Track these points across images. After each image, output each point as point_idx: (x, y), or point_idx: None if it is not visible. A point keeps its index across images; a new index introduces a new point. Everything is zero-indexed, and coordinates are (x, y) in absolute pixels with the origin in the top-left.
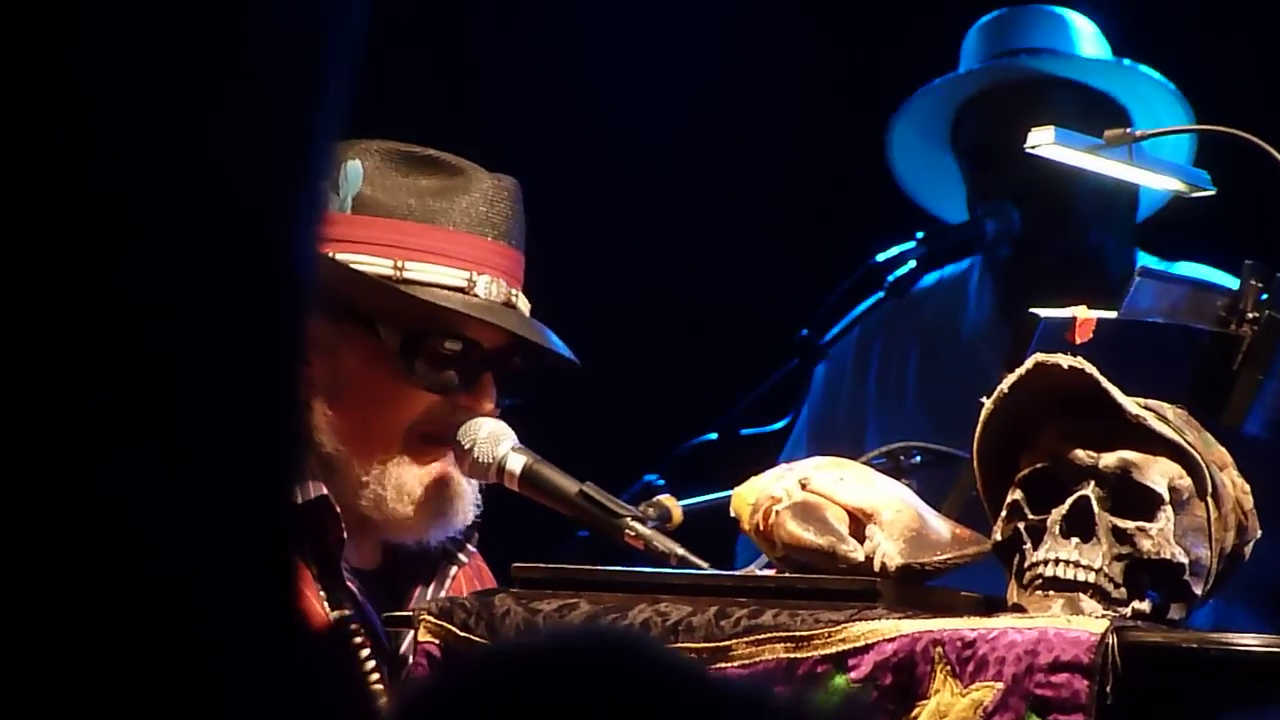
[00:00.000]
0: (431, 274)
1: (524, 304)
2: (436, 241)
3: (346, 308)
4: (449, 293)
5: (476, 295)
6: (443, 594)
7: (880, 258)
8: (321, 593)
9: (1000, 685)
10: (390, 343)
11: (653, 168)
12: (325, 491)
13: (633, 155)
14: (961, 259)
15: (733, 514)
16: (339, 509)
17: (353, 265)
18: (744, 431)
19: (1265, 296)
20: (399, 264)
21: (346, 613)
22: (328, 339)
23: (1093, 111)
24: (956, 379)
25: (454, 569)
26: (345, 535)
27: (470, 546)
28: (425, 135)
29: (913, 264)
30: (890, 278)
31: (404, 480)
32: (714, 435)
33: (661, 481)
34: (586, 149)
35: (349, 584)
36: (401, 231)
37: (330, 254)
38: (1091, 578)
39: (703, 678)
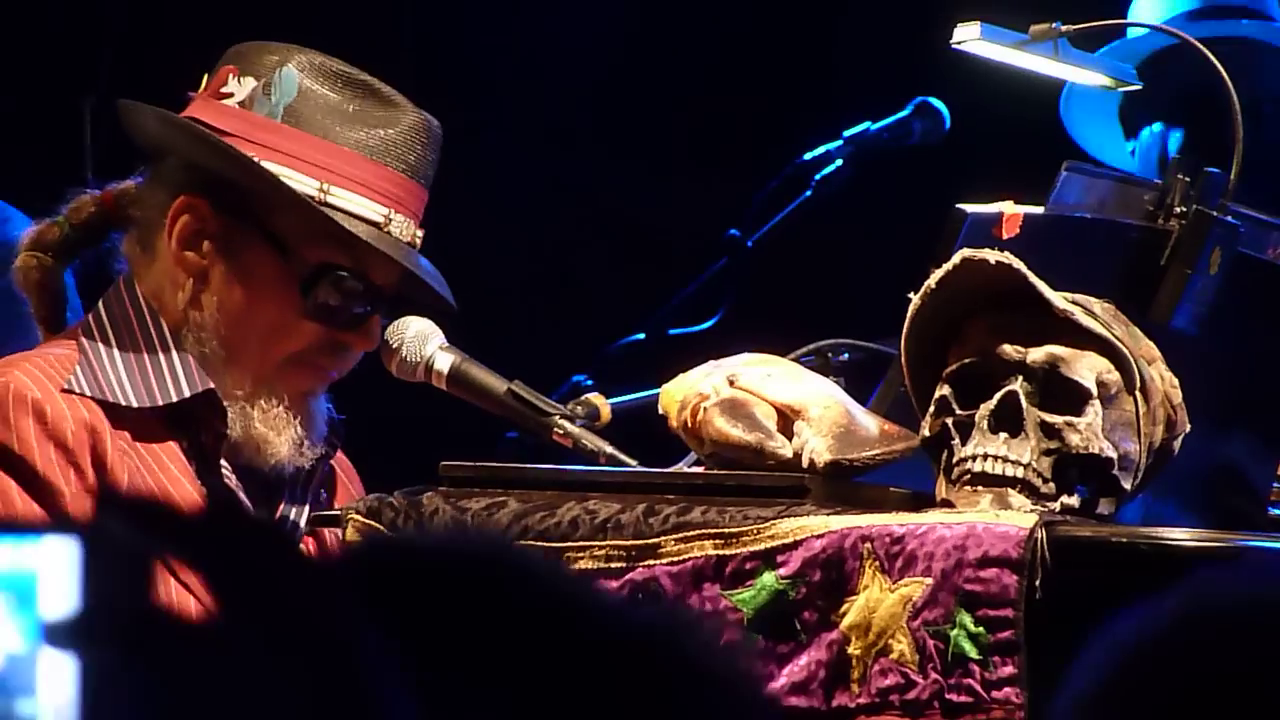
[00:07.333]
0: (353, 204)
1: (418, 240)
2: (362, 171)
3: (260, 218)
4: (367, 226)
5: (390, 233)
6: (315, 491)
7: (807, 156)
8: (202, 489)
9: (929, 581)
10: (297, 268)
11: (580, 71)
12: (212, 386)
13: (558, 59)
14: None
15: (661, 411)
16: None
17: (277, 178)
18: (672, 331)
19: (1192, 191)
20: (324, 186)
21: None
22: (233, 239)
23: None
24: None
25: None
26: (227, 433)
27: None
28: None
29: (839, 163)
30: (816, 177)
31: (269, 407)
32: (642, 335)
33: (590, 381)
34: (516, 55)
35: (226, 481)
36: (329, 154)
37: (255, 158)
38: (1020, 472)
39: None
